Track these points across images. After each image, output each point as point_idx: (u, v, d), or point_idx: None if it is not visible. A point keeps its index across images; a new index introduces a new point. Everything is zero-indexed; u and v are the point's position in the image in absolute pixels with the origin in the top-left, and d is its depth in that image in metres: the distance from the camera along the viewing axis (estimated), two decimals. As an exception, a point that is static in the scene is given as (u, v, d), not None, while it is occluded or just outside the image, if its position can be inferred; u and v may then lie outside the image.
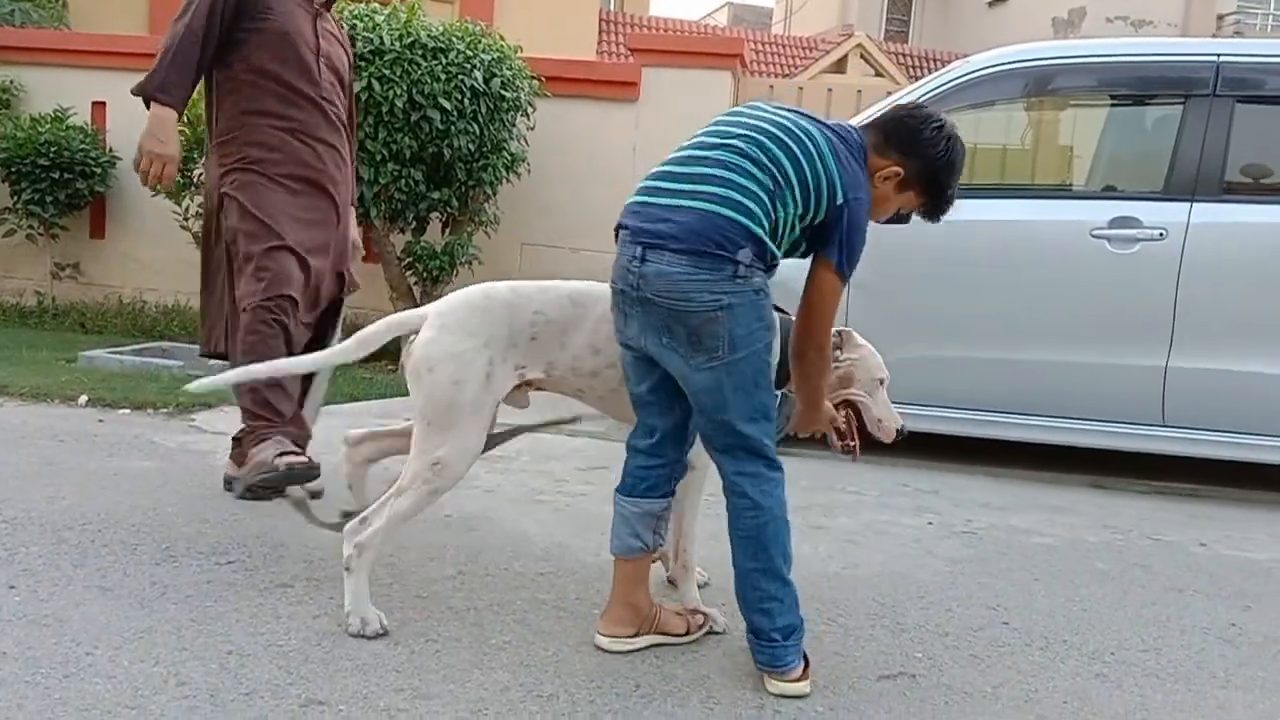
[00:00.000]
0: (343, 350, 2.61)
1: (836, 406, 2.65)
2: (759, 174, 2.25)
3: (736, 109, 2.45)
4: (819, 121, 2.39)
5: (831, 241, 2.33)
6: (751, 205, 2.22)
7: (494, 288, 2.55)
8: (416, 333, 2.50)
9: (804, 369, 2.47)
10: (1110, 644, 2.76)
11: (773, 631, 2.32)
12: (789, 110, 2.39)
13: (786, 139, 2.29)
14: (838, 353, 2.65)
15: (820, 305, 2.36)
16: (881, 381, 2.70)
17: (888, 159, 2.40)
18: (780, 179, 2.25)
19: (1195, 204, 4.42)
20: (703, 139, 2.35)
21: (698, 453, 2.53)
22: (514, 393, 2.56)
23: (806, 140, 2.29)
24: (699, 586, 2.87)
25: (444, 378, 2.42)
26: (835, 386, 2.65)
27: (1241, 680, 2.58)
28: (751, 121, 2.33)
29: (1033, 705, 2.36)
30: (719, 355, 2.23)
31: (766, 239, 2.24)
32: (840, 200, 2.30)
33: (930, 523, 3.83)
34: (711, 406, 2.29)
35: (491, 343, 2.46)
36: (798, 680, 2.32)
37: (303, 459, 3.12)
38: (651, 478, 2.48)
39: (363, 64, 5.68)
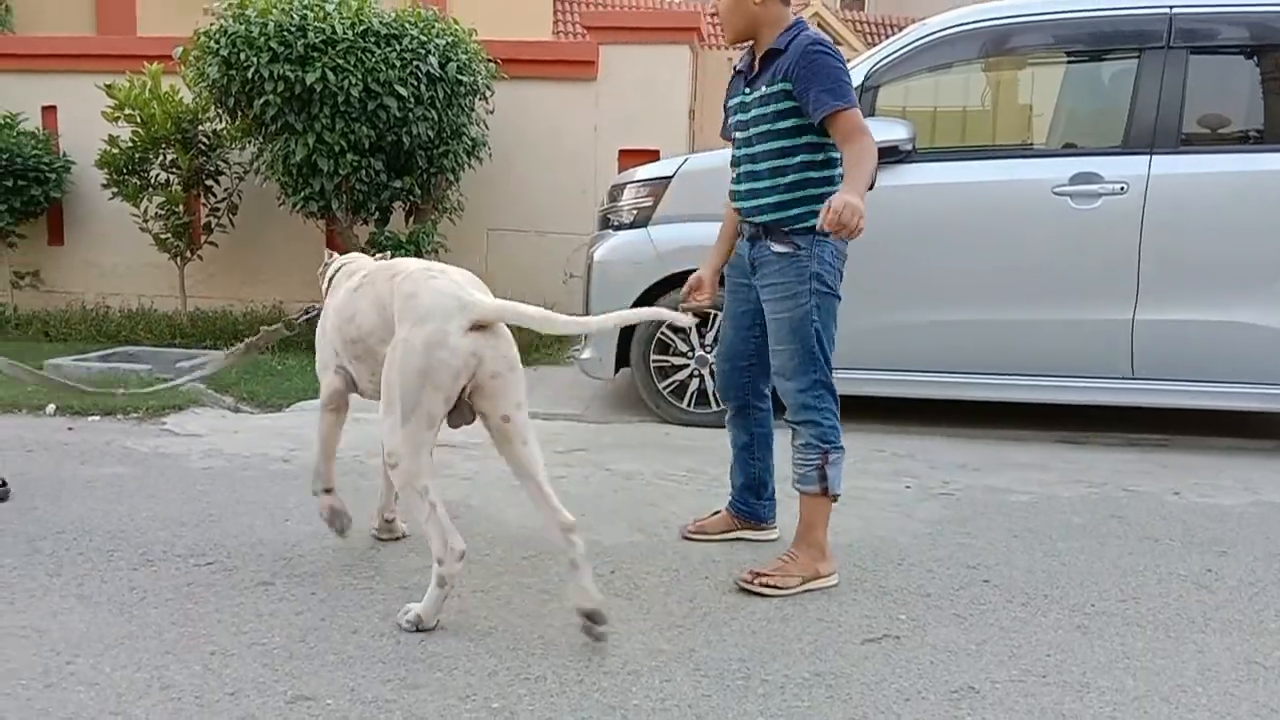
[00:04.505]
0: (601, 321, 2.55)
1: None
2: None
3: None
4: None
5: None
6: None
7: None
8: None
9: None
10: (1090, 596, 2.80)
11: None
12: None
13: None
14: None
15: None
16: None
17: None
18: None
19: (1154, 157, 4.44)
20: None
21: None
22: None
23: None
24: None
25: None
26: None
27: (1219, 624, 2.62)
28: None
29: (1016, 660, 2.39)
30: None
31: None
32: None
33: (908, 486, 3.85)
34: None
35: None
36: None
37: None
38: None
39: (315, 54, 5.61)
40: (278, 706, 2.09)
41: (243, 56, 5.63)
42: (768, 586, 2.73)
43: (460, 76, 6.07)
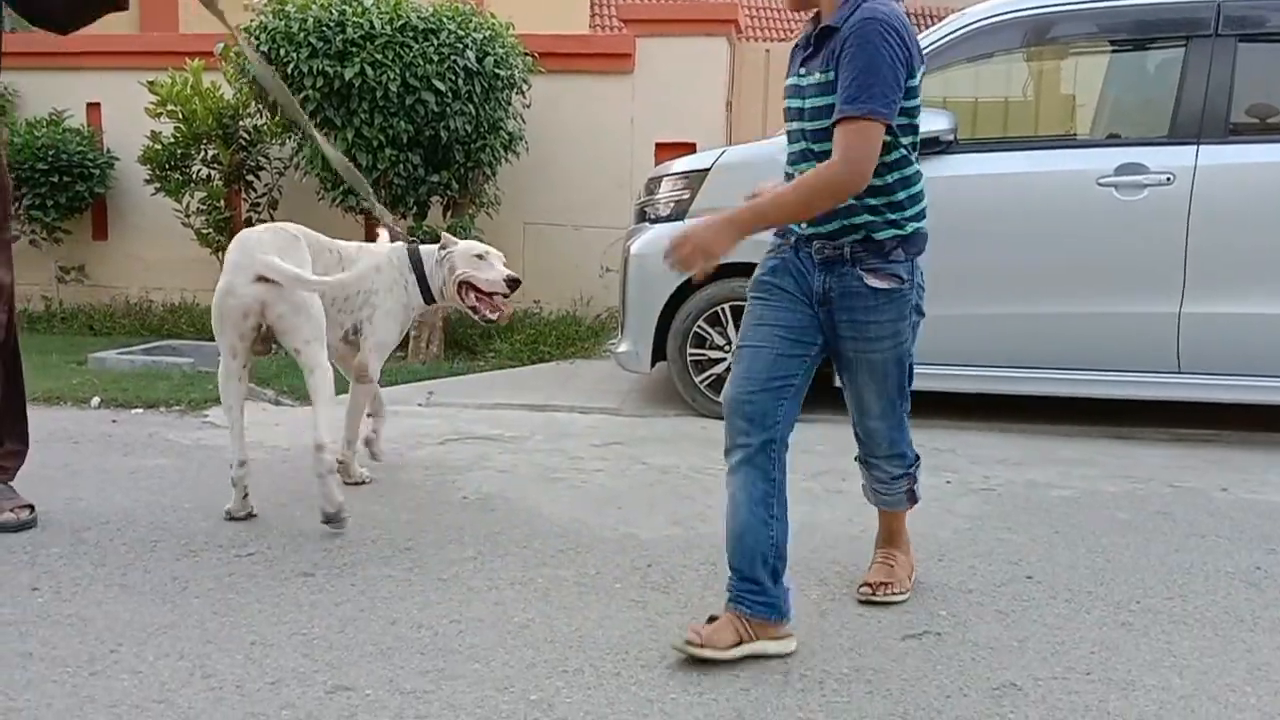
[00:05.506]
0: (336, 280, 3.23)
1: (458, 288, 3.46)
2: None
3: None
4: None
5: None
6: None
7: None
8: None
9: None
10: (1135, 593, 2.75)
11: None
12: None
13: None
14: (442, 252, 3.48)
15: None
16: (480, 256, 3.47)
17: None
18: None
19: (1201, 146, 4.36)
20: None
21: None
22: None
23: None
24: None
25: None
26: (448, 276, 3.46)
27: (1269, 622, 2.57)
28: None
29: (1060, 656, 2.35)
30: None
31: None
32: None
33: (948, 481, 3.81)
34: None
35: None
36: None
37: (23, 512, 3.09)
38: None
39: (354, 49, 5.64)
40: (317, 696, 2.10)
41: (282, 52, 5.66)
42: (893, 594, 2.64)
43: (497, 70, 6.07)
